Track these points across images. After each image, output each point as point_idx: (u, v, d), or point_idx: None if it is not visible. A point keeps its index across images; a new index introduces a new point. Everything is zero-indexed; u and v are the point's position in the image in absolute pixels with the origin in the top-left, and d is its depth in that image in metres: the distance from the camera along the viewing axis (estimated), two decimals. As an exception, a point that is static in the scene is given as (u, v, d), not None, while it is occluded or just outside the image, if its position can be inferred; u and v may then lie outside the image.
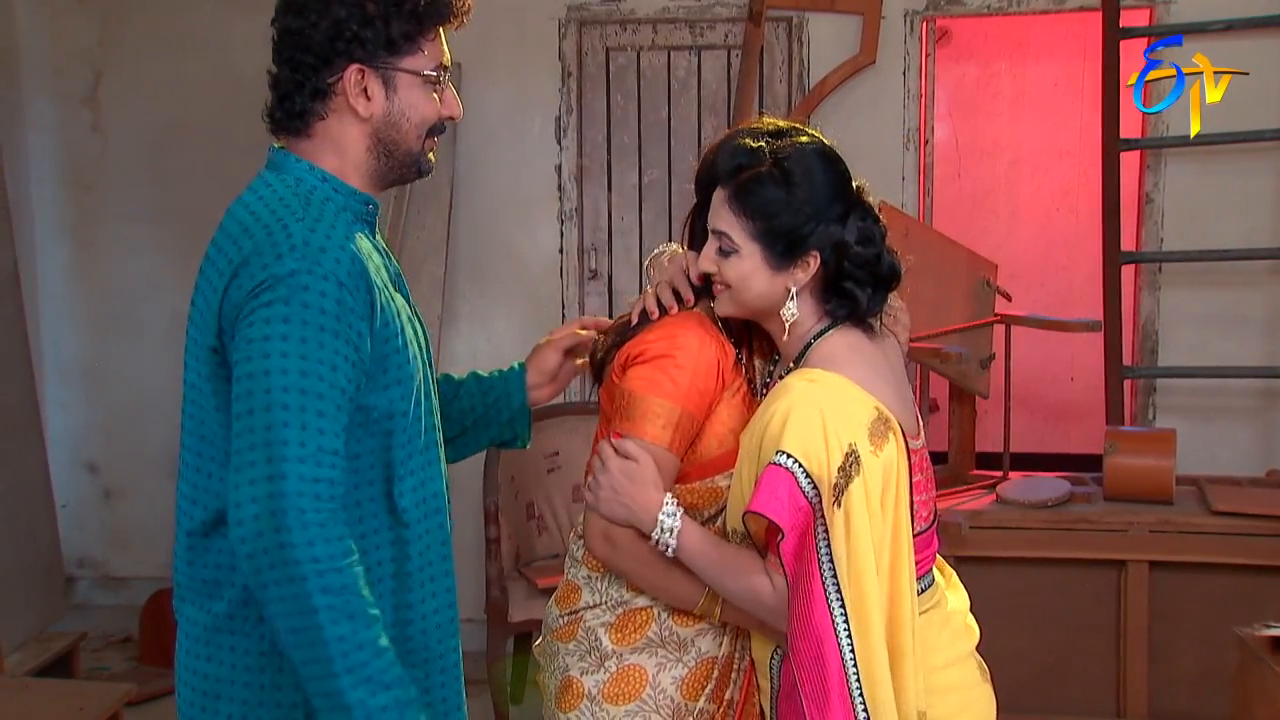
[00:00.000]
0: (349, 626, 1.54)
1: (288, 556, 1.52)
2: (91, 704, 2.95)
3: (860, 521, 1.72)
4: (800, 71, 4.50)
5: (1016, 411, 4.22)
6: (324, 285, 1.59)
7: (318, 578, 1.53)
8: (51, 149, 4.96)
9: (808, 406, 1.74)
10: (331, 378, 1.58)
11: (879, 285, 1.85)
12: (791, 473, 1.71)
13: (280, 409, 1.55)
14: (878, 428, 1.77)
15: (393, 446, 1.71)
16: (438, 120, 1.78)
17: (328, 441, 1.57)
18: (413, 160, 1.78)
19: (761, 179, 1.80)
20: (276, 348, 1.56)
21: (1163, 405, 4.42)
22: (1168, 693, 3.56)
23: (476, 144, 4.61)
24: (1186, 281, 4.38)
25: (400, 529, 1.74)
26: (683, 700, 1.91)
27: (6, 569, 4.21)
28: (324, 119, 1.73)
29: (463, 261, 4.66)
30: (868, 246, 1.83)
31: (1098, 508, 3.61)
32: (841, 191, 1.83)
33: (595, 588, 1.96)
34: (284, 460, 1.54)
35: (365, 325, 1.63)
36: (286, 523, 1.52)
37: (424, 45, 1.73)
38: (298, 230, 1.62)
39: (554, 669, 1.98)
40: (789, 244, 1.80)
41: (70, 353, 5.02)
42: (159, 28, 4.83)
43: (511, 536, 4.03)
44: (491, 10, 4.50)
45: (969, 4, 4.44)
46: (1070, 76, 6.12)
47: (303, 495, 1.54)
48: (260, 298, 1.59)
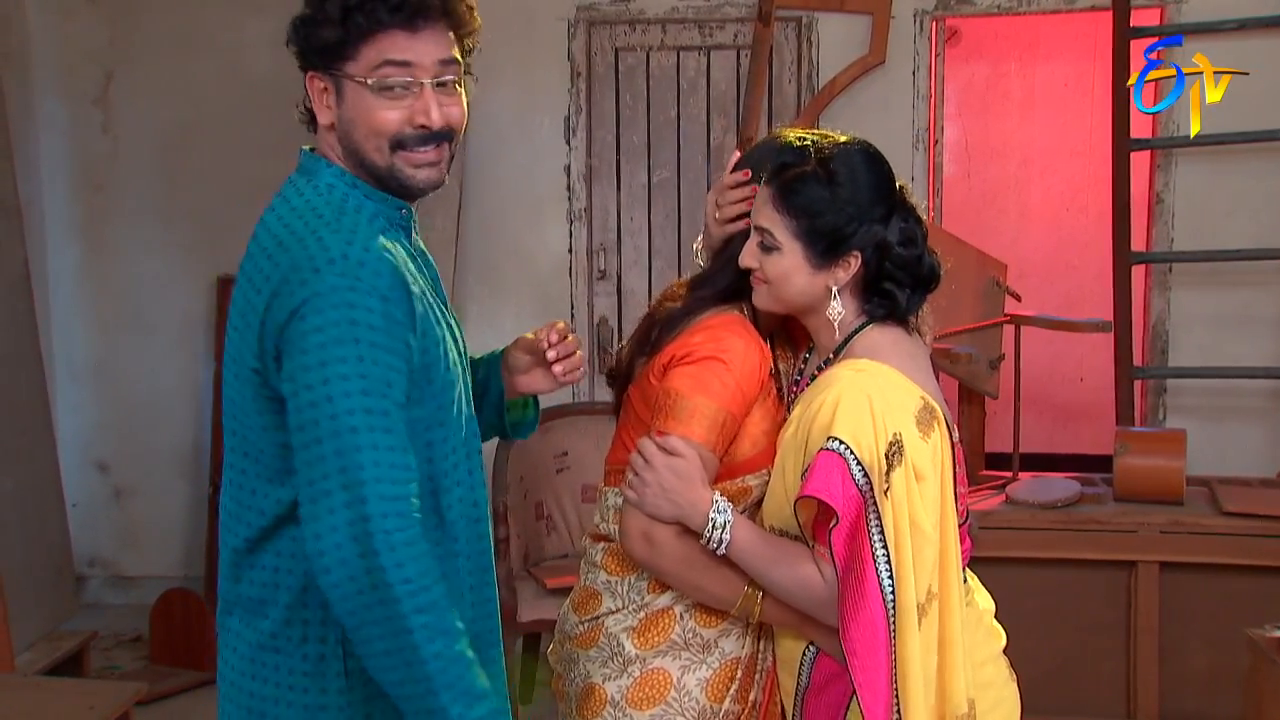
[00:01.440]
0: (443, 643, 1.53)
1: (378, 580, 1.50)
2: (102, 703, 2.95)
3: (902, 510, 1.72)
4: (810, 71, 4.50)
5: (1026, 412, 4.21)
6: (369, 301, 1.55)
7: (410, 598, 1.51)
8: (62, 149, 4.97)
9: (856, 394, 1.74)
10: (390, 393, 1.56)
11: (918, 286, 1.86)
12: (844, 459, 1.71)
13: (349, 433, 1.52)
14: (924, 416, 1.78)
15: (435, 459, 1.69)
16: (398, 131, 1.65)
17: (399, 458, 1.55)
18: (386, 173, 1.68)
19: (806, 178, 1.80)
20: (335, 371, 1.53)
21: (1173, 406, 4.41)
22: (1178, 694, 3.55)
23: (486, 144, 4.61)
24: (1197, 282, 4.37)
25: (450, 543, 1.72)
26: (708, 702, 1.90)
27: (17, 568, 4.22)
28: (318, 124, 1.72)
29: (472, 261, 4.66)
30: (909, 248, 1.83)
31: (1108, 508, 3.60)
32: (885, 192, 1.83)
33: (616, 592, 1.94)
34: (362, 484, 1.51)
35: (411, 337, 1.61)
36: (374, 546, 1.50)
37: (363, 50, 1.63)
38: (335, 243, 1.58)
39: (574, 676, 1.96)
40: (831, 243, 1.80)
41: (81, 352, 5.03)
42: (170, 28, 4.84)
43: (520, 536, 4.04)
44: (501, 11, 4.52)
45: (979, 4, 4.43)
46: (1080, 76, 6.11)
47: (386, 516, 1.52)
48: (307, 320, 1.54)
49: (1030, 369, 4.27)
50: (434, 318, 1.69)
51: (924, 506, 1.75)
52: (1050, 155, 6.29)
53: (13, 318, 4.49)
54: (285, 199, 1.69)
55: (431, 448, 1.68)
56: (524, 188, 4.67)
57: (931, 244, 1.90)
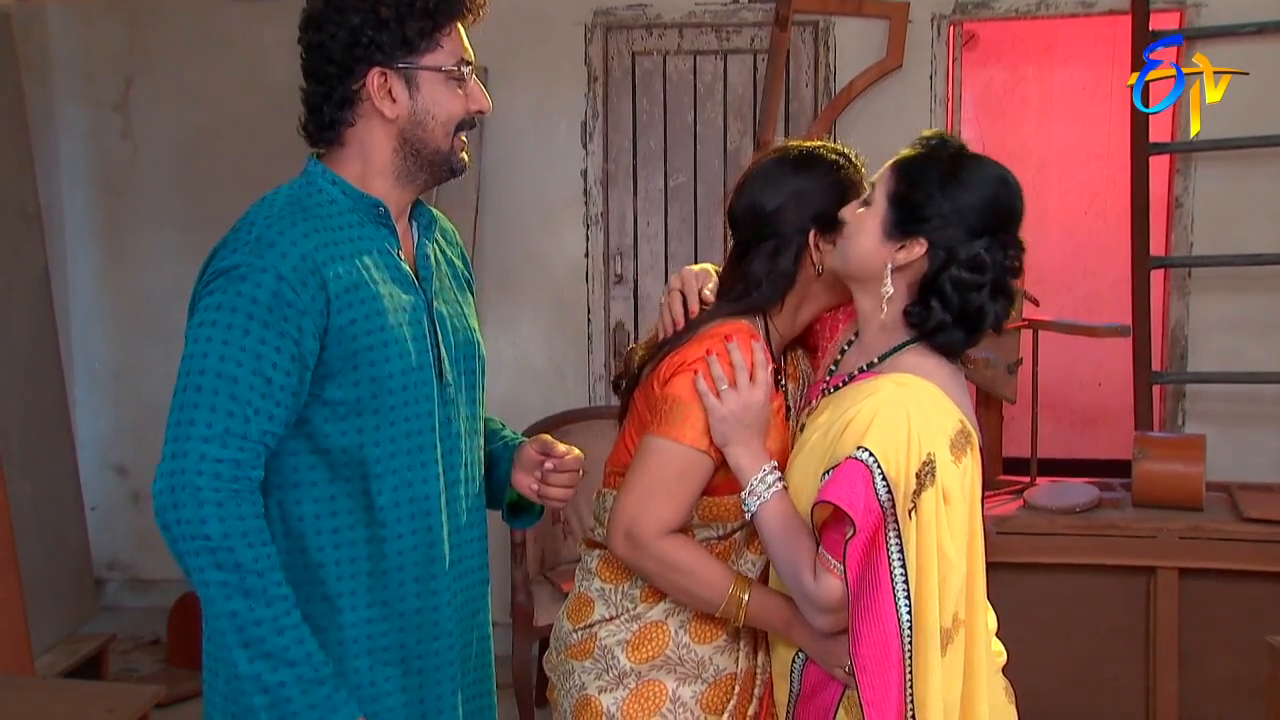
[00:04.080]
0: (244, 604, 1.61)
1: (182, 532, 1.61)
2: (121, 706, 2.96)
3: (929, 534, 1.70)
4: (827, 76, 4.49)
5: (1044, 417, 4.19)
6: (260, 277, 1.65)
7: (210, 554, 1.60)
8: (82, 154, 5.00)
9: (895, 408, 1.72)
10: (253, 365, 1.63)
11: (962, 321, 1.80)
12: (870, 471, 1.69)
13: (194, 390, 1.63)
14: (959, 440, 1.76)
15: (365, 444, 1.74)
16: (465, 116, 1.80)
17: (236, 425, 1.63)
18: (443, 159, 1.80)
19: (932, 158, 1.80)
20: (204, 334, 1.65)
21: (1192, 411, 4.38)
22: (1198, 701, 3.53)
23: (502, 148, 4.62)
24: (1216, 286, 4.34)
25: (376, 527, 1.76)
26: (704, 714, 1.90)
27: (37, 571, 4.24)
28: (353, 125, 1.77)
29: (488, 266, 4.67)
30: (973, 272, 1.78)
31: (1126, 514, 3.58)
32: (991, 213, 1.79)
33: (609, 600, 1.95)
34: (187, 439, 1.62)
35: (311, 320, 1.67)
36: (181, 499, 1.60)
37: (441, 41, 1.76)
38: (258, 227, 1.70)
39: (569, 687, 1.95)
40: (907, 217, 1.79)
41: (100, 356, 5.06)
42: (189, 34, 4.86)
43: (536, 540, 4.04)
44: (517, 15, 4.52)
45: (996, 8, 4.42)
46: (1098, 80, 6.09)
47: (201, 474, 1.61)
48: (207, 288, 1.68)
49: (1048, 374, 4.26)
50: (378, 307, 1.73)
51: (950, 531, 1.73)
52: (1068, 159, 6.27)
53: (32, 322, 4.52)
54: (263, 196, 1.80)
55: (362, 434, 1.73)
56: (540, 192, 4.67)
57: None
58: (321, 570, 1.74)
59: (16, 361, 4.39)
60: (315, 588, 1.74)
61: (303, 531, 1.73)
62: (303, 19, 1.78)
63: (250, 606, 1.61)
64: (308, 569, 1.74)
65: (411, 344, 1.76)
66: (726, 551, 1.93)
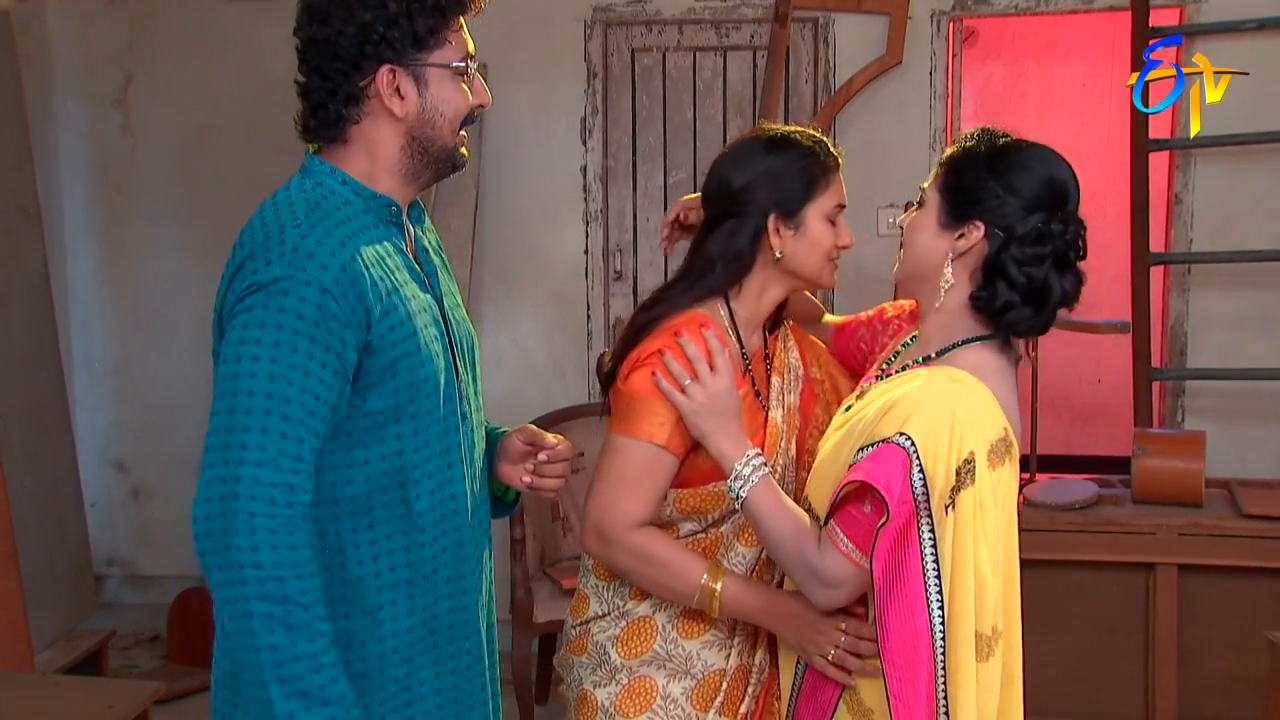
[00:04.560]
0: (286, 638, 1.54)
1: (231, 560, 1.53)
2: (121, 702, 2.96)
3: (966, 533, 1.69)
4: (826, 72, 4.49)
5: (1043, 413, 4.19)
6: (305, 290, 1.58)
7: (257, 584, 1.53)
8: (82, 150, 5.00)
9: (942, 402, 1.71)
10: (303, 383, 1.57)
11: (1029, 299, 1.79)
12: (909, 458, 1.67)
13: (244, 413, 1.55)
14: (999, 447, 1.74)
15: (404, 450, 1.70)
16: (469, 111, 1.77)
17: (289, 446, 1.56)
18: (448, 155, 1.77)
19: (978, 149, 1.82)
20: (249, 351, 1.57)
21: (1192, 407, 4.39)
22: (1197, 697, 3.53)
23: (502, 145, 4.62)
24: (1216, 283, 4.34)
25: (416, 534, 1.73)
26: (694, 710, 1.91)
27: (37, 567, 4.24)
28: (358, 123, 1.73)
29: (488, 262, 4.67)
30: (1034, 245, 1.77)
31: (1126, 510, 3.58)
32: (1046, 189, 1.80)
33: (602, 596, 1.98)
34: (241, 463, 1.54)
35: (353, 333, 1.62)
36: (235, 524, 1.53)
37: (449, 37, 1.73)
38: (291, 236, 1.62)
39: (570, 681, 2.00)
40: (960, 201, 1.79)
41: (99, 353, 5.06)
42: (188, 31, 4.86)
43: (536, 537, 4.04)
44: (517, 11, 4.52)
45: (996, 4, 4.42)
46: (1098, 76, 6.08)
47: (255, 499, 1.53)
48: (244, 301, 1.60)
49: (1048, 370, 4.26)
50: (408, 312, 1.70)
51: (985, 537, 1.71)
52: (1068, 155, 6.18)
53: (32, 318, 4.52)
54: (273, 196, 1.73)
55: (401, 440, 1.70)
56: (540, 188, 4.67)
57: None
58: (361, 584, 1.70)
59: (16, 357, 4.39)
60: (355, 602, 1.70)
61: (340, 546, 1.69)
62: (303, 11, 1.73)
63: (292, 641, 1.54)
64: (346, 584, 1.69)
65: (436, 344, 1.75)
66: (714, 545, 1.93)
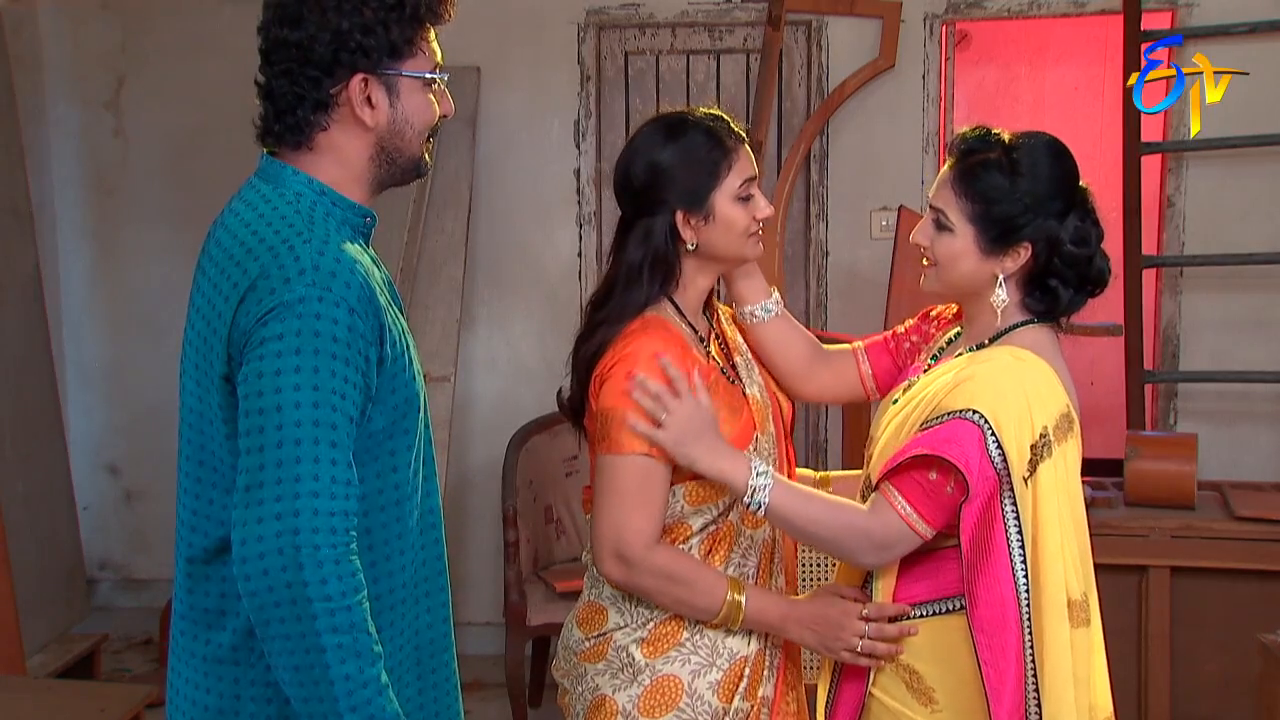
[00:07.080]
0: (355, 665, 1.50)
1: (299, 595, 1.48)
2: (113, 705, 2.96)
3: (1049, 505, 1.74)
4: (819, 75, 4.50)
5: (1037, 416, 4.18)
6: (335, 312, 1.53)
7: (328, 616, 1.49)
8: (74, 153, 4.99)
9: (1013, 379, 1.77)
10: (342, 406, 1.53)
11: (1084, 287, 1.87)
12: (983, 433, 1.73)
13: (293, 444, 1.49)
14: (1062, 423, 1.80)
15: (399, 467, 1.68)
16: (436, 120, 1.74)
17: (341, 473, 1.52)
18: (414, 165, 1.74)
19: (989, 164, 1.83)
20: (289, 380, 1.51)
21: (1184, 410, 4.39)
22: (1190, 699, 3.53)
23: (495, 147, 4.61)
24: (1208, 285, 4.35)
25: (409, 552, 1.71)
26: (720, 704, 1.90)
27: (29, 571, 4.23)
28: (326, 130, 1.68)
29: (481, 264, 4.67)
30: (1081, 247, 1.84)
31: (1118, 513, 3.58)
32: (1065, 187, 1.85)
33: (622, 608, 1.94)
34: (297, 497, 1.49)
35: (374, 350, 1.59)
36: (300, 560, 1.48)
37: (422, 47, 1.69)
38: (306, 253, 1.56)
39: (581, 691, 1.96)
40: (1003, 231, 1.82)
41: (91, 356, 5.05)
42: (181, 33, 4.85)
43: (530, 540, 4.04)
44: (510, 14, 4.52)
45: (988, 7, 4.42)
46: (1091, 80, 6.10)
47: (318, 531, 1.49)
48: (269, 325, 1.53)
49: (1041, 373, 4.25)
50: (400, 329, 1.68)
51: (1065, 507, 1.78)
52: (1061, 158, 6.26)
53: (24, 321, 4.51)
54: (251, 206, 1.67)
55: (395, 456, 1.67)
56: (533, 191, 4.67)
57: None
58: None
59: (8, 360, 4.38)
60: None
61: None
62: (272, 11, 1.68)
63: (360, 668, 1.51)
64: None
65: (417, 360, 1.73)
66: (729, 534, 1.94)
